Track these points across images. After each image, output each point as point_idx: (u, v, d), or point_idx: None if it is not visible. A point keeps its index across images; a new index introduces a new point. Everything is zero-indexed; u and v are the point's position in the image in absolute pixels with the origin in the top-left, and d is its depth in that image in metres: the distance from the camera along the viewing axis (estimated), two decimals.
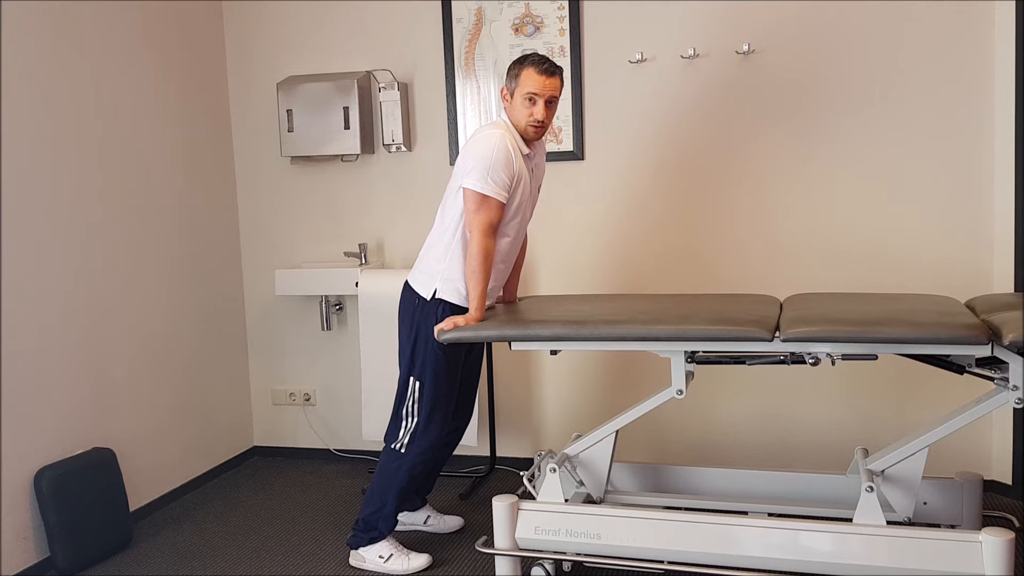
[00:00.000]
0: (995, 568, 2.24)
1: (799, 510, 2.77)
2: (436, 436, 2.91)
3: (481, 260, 2.71)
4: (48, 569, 3.06)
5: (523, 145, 2.80)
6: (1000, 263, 3.30)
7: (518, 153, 2.76)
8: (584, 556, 2.63)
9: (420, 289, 2.88)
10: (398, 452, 2.93)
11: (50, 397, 3.11)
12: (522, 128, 2.78)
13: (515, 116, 2.78)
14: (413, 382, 2.89)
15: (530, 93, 2.74)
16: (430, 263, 2.88)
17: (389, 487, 2.94)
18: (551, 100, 2.77)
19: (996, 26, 3.23)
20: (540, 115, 2.75)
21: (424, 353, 2.86)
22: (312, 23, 3.98)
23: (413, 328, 2.88)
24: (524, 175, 2.80)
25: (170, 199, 3.73)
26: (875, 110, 3.38)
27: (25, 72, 3.04)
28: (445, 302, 2.84)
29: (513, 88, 2.79)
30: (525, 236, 3.08)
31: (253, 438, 4.30)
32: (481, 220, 2.71)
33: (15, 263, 2.99)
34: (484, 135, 2.74)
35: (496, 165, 2.69)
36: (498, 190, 2.70)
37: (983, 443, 3.41)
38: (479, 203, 2.71)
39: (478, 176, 2.70)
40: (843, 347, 2.44)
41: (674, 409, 3.73)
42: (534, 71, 2.74)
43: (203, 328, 3.93)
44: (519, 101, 2.76)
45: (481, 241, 2.71)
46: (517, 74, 2.78)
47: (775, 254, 3.54)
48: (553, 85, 2.76)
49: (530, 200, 2.91)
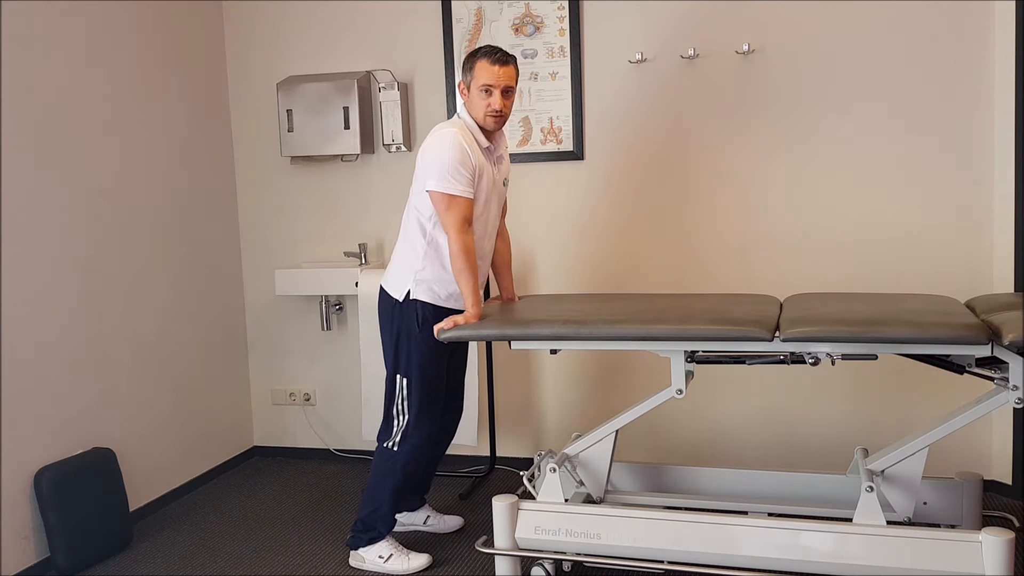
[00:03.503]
0: (995, 568, 2.25)
1: (799, 510, 2.77)
2: (427, 432, 2.94)
3: (464, 257, 2.73)
4: (48, 569, 3.06)
5: (482, 139, 2.83)
6: (1000, 263, 3.30)
7: (475, 148, 2.79)
8: (584, 556, 2.63)
9: (394, 292, 2.91)
10: (391, 451, 2.95)
11: (50, 397, 3.11)
12: (481, 120, 2.82)
13: (473, 109, 2.82)
14: (400, 380, 2.92)
15: (485, 84, 2.78)
16: (401, 266, 2.91)
17: (384, 486, 2.96)
18: (507, 90, 2.81)
19: (996, 26, 3.23)
20: (497, 105, 2.79)
21: (408, 351, 2.89)
22: (312, 23, 3.98)
23: (394, 328, 2.91)
24: (486, 169, 2.83)
25: (170, 199, 3.73)
26: (875, 110, 3.38)
27: (24, 72, 3.04)
28: (420, 301, 2.87)
29: (469, 81, 2.83)
30: (507, 233, 3.12)
31: (253, 438, 4.30)
32: (453, 218, 2.74)
33: (15, 263, 2.99)
34: (437, 135, 2.78)
35: (453, 162, 2.72)
36: (462, 187, 2.73)
37: (983, 443, 3.41)
38: (447, 203, 2.74)
39: (439, 176, 2.73)
40: (843, 347, 2.44)
41: (674, 409, 3.73)
42: (487, 62, 2.78)
43: (203, 328, 3.93)
44: (476, 93, 2.80)
45: (459, 239, 2.73)
46: (471, 67, 2.82)
47: (775, 254, 3.54)
48: (507, 74, 2.80)
49: (496, 195, 2.93)
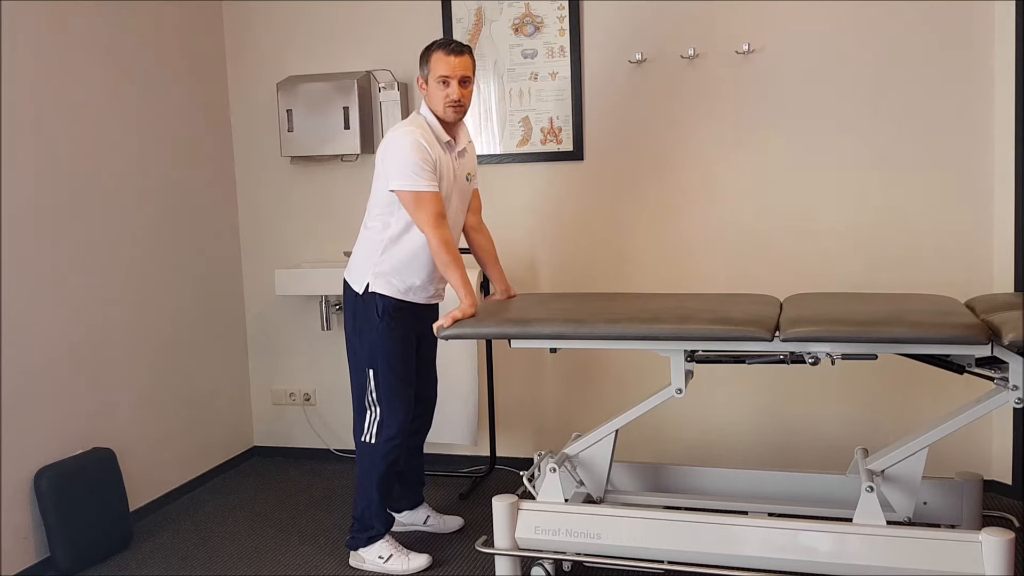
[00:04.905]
0: (995, 568, 2.24)
1: (799, 510, 2.77)
2: (402, 420, 2.95)
3: (446, 251, 2.74)
4: (48, 569, 3.06)
5: (442, 133, 2.84)
6: (1000, 263, 3.30)
7: (433, 143, 2.80)
8: (584, 556, 2.63)
9: (354, 284, 2.93)
10: (369, 444, 2.97)
11: (50, 397, 3.11)
12: (441, 111, 2.83)
13: (432, 102, 2.84)
14: (367, 372, 2.93)
15: (442, 76, 2.79)
16: (361, 259, 2.93)
17: (369, 479, 2.97)
18: (464, 79, 2.82)
19: (996, 26, 3.23)
20: (456, 95, 2.80)
21: (371, 341, 2.91)
22: (312, 23, 3.98)
23: (356, 320, 2.93)
24: (446, 163, 2.84)
25: (170, 199, 3.73)
26: (875, 110, 3.38)
27: (24, 73, 3.04)
28: (379, 294, 2.88)
29: (426, 74, 2.85)
30: (485, 228, 3.14)
31: (253, 438, 4.30)
32: (426, 215, 2.75)
33: (15, 263, 2.99)
34: (393, 135, 2.80)
35: (413, 159, 2.73)
36: (426, 182, 2.74)
37: (983, 443, 3.41)
38: (415, 200, 2.75)
39: (401, 175, 2.74)
40: (843, 347, 2.44)
41: (674, 409, 3.73)
42: (442, 53, 2.80)
43: (203, 328, 3.93)
44: (434, 86, 2.82)
45: (435, 233, 2.74)
46: (427, 60, 2.84)
47: (775, 254, 3.54)
48: (463, 64, 2.81)
49: (458, 190, 2.93)
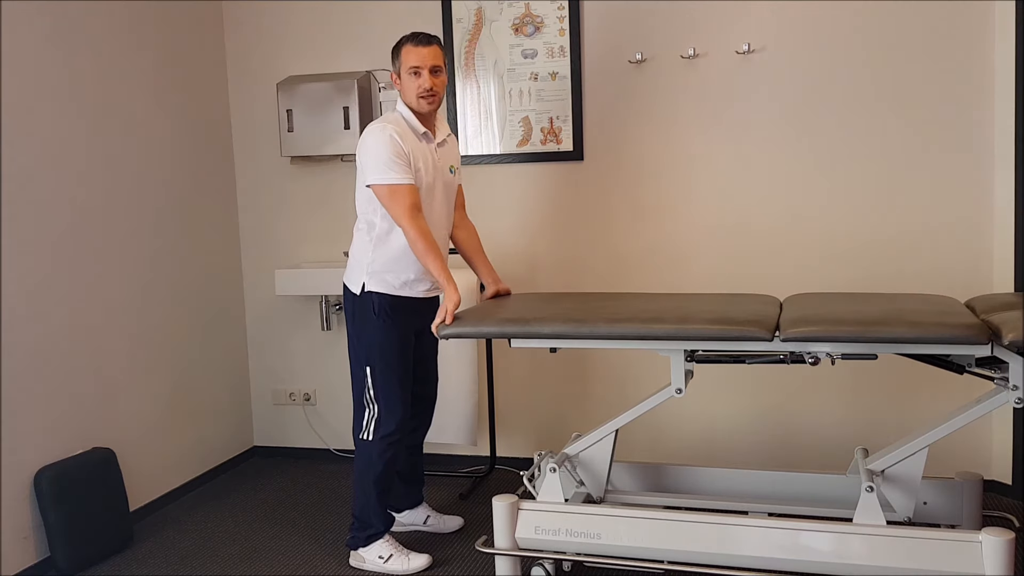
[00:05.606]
0: (995, 568, 2.24)
1: (799, 510, 2.76)
2: (400, 418, 2.96)
3: (422, 240, 2.75)
4: (48, 569, 3.06)
5: (418, 125, 2.87)
6: (1000, 263, 3.30)
7: (408, 135, 2.83)
8: (584, 556, 2.63)
9: (352, 286, 2.96)
10: (367, 442, 2.98)
11: (50, 397, 3.11)
12: (414, 103, 2.86)
13: (406, 95, 2.87)
14: (365, 370, 2.95)
15: (413, 67, 2.84)
16: (355, 260, 2.97)
17: (367, 477, 2.98)
18: (435, 69, 2.85)
19: (996, 26, 3.23)
20: (427, 84, 2.83)
21: (368, 340, 2.93)
22: (312, 23, 3.98)
23: (355, 321, 2.96)
24: (425, 155, 2.87)
25: (170, 199, 3.73)
26: (875, 110, 3.38)
27: (24, 73, 3.04)
28: (375, 292, 2.91)
29: (398, 68, 2.89)
30: (470, 222, 3.15)
31: (253, 438, 4.30)
32: (400, 207, 2.77)
33: (15, 263, 2.99)
34: (368, 132, 2.84)
35: (384, 153, 2.76)
36: (400, 175, 2.76)
37: (983, 443, 3.41)
38: (390, 194, 2.77)
39: (375, 169, 2.78)
40: (843, 347, 2.44)
41: (674, 409, 3.73)
42: (411, 45, 2.85)
43: (203, 328, 3.93)
44: (406, 78, 2.86)
45: (411, 225, 2.76)
46: (397, 54, 2.89)
47: (775, 254, 3.54)
48: (433, 54, 2.85)
49: (441, 182, 2.94)
